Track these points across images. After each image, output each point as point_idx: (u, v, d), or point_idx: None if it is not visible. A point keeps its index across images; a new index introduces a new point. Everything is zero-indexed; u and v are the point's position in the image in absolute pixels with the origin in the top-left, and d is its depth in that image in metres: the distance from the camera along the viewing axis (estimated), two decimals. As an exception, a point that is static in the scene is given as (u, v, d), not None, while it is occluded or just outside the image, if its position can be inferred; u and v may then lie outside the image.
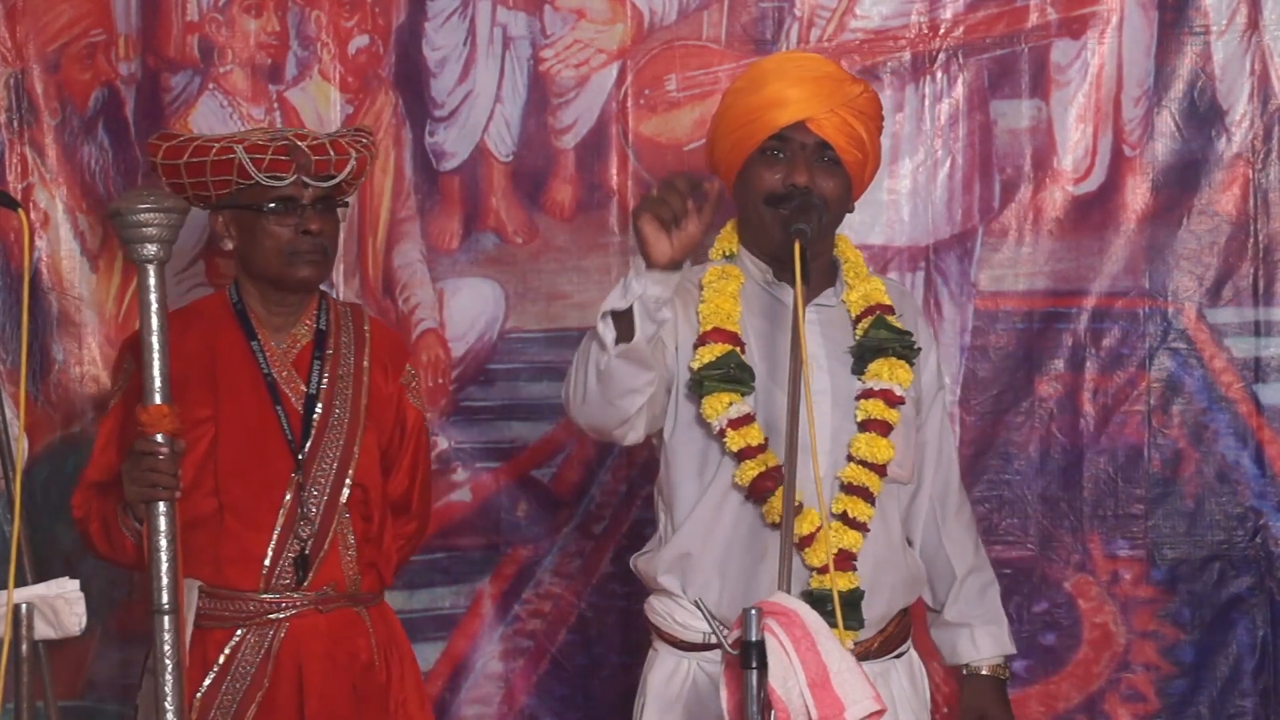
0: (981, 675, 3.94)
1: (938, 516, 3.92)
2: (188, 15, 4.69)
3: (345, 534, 4.00)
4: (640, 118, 4.68)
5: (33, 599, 3.41)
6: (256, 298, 4.04)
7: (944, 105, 4.65)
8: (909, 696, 3.84)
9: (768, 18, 4.66)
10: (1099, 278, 4.62)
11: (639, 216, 3.48)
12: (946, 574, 3.93)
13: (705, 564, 3.75)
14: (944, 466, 3.93)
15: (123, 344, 4.13)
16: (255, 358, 4.02)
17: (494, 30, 4.68)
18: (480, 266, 4.70)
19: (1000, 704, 3.94)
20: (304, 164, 3.93)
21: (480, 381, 4.70)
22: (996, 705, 3.94)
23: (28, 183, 4.66)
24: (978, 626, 3.92)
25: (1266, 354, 4.60)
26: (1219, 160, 4.61)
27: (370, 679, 4.01)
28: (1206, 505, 4.60)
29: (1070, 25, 4.62)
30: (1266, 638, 4.59)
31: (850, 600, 3.70)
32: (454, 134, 4.70)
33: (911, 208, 4.64)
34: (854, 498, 3.73)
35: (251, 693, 3.93)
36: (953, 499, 3.94)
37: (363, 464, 4.02)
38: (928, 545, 3.92)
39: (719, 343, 3.74)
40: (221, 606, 3.95)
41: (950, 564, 3.92)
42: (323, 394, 4.03)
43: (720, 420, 3.72)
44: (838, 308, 3.85)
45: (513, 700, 4.71)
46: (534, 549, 4.71)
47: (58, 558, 4.54)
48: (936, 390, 3.91)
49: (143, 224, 3.40)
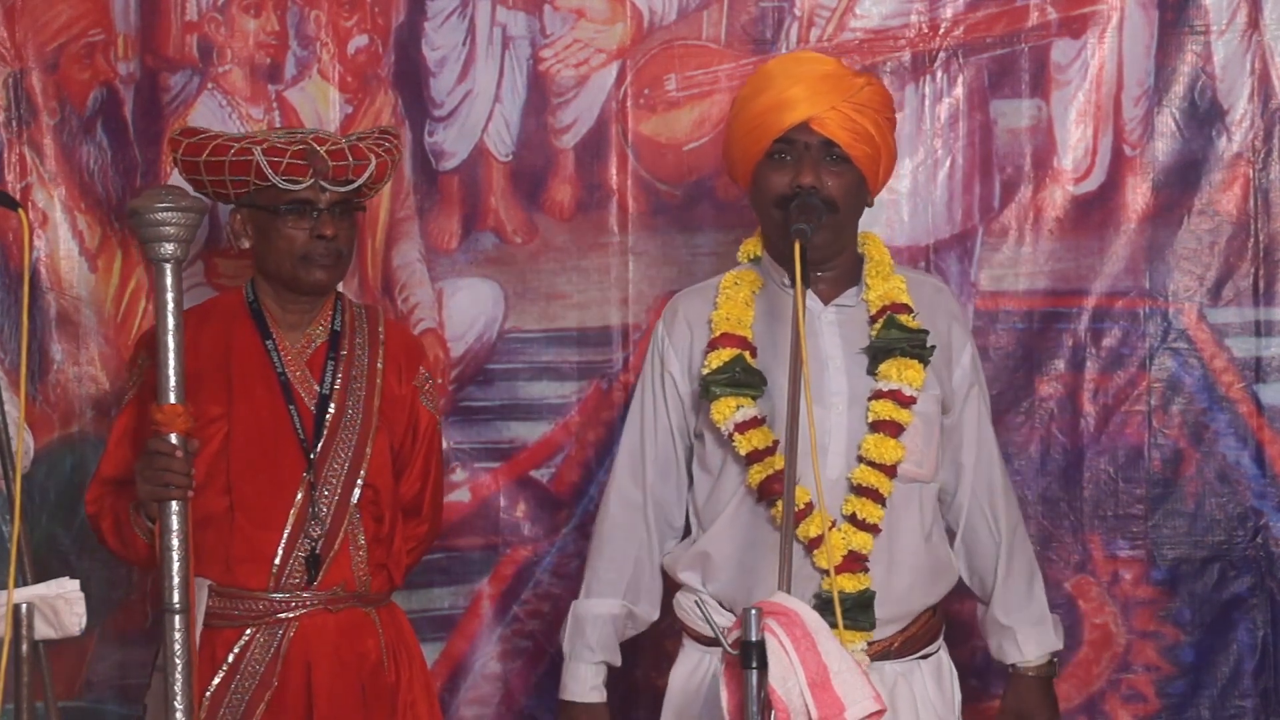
0: (1027, 676, 3.98)
1: (984, 512, 3.94)
2: (187, 15, 4.68)
3: (356, 534, 4.01)
4: (640, 117, 4.67)
5: (33, 599, 3.41)
6: (272, 297, 4.05)
7: (944, 105, 4.64)
8: (933, 699, 3.85)
9: (767, 17, 4.66)
10: (1099, 278, 4.62)
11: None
12: (990, 570, 3.95)
13: (724, 565, 3.82)
14: (985, 462, 3.95)
15: (137, 340, 4.14)
16: (270, 357, 4.03)
17: (493, 30, 4.68)
18: (479, 266, 4.70)
19: (1044, 703, 3.99)
20: (321, 169, 3.94)
21: (479, 381, 4.70)
22: (1040, 705, 3.98)
23: (26, 182, 4.65)
24: (1023, 629, 3.96)
25: (1267, 354, 4.59)
26: (1219, 160, 4.60)
27: (379, 679, 4.01)
28: (1207, 505, 4.60)
29: (1070, 25, 4.62)
30: (1267, 638, 4.59)
31: (861, 602, 3.72)
32: (453, 134, 4.69)
33: (911, 207, 4.64)
34: (863, 499, 3.76)
35: (260, 692, 3.94)
36: (998, 495, 3.96)
37: (374, 465, 4.03)
38: (971, 541, 3.94)
39: (727, 347, 3.81)
40: (231, 605, 3.95)
41: (995, 558, 3.94)
42: (336, 394, 4.03)
43: (728, 424, 3.79)
44: (858, 307, 3.87)
45: (511, 701, 4.71)
46: (533, 549, 4.70)
47: (57, 558, 4.54)
48: (969, 387, 3.93)
49: (160, 223, 3.42)
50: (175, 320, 3.45)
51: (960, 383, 3.92)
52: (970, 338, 4.00)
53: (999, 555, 3.94)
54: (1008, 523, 3.95)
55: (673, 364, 3.93)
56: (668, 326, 3.96)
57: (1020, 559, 3.96)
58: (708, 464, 3.89)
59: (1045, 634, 3.97)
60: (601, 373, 4.66)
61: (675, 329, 3.94)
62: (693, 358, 3.90)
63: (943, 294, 4.01)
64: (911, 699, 3.81)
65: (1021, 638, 3.95)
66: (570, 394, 4.69)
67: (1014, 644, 3.96)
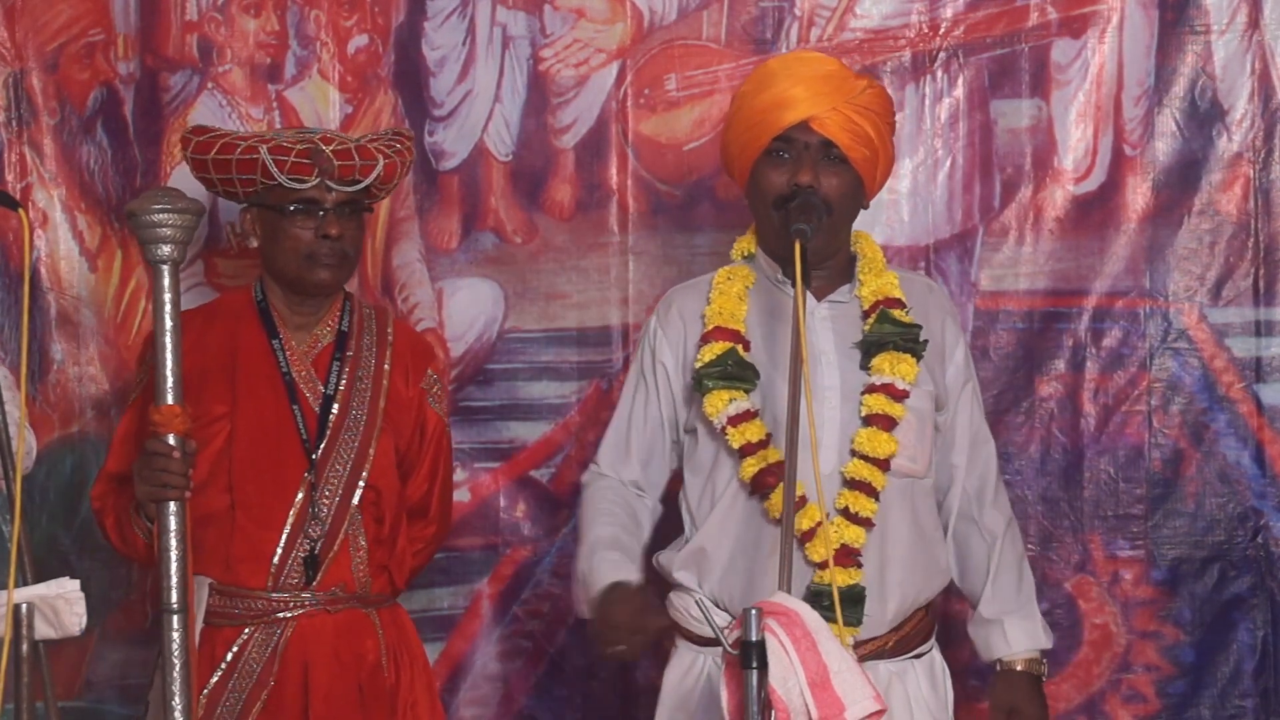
0: (1015, 671, 3.93)
1: (974, 510, 3.93)
2: (186, 15, 4.68)
3: (356, 536, 4.01)
4: (640, 117, 4.67)
5: (33, 599, 3.41)
6: (279, 297, 4.06)
7: (944, 105, 4.64)
8: (927, 698, 3.84)
9: (767, 17, 4.66)
10: (1099, 277, 4.62)
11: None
12: (981, 568, 3.93)
13: (718, 560, 3.81)
14: (979, 460, 3.95)
15: (146, 337, 4.14)
16: (275, 356, 4.03)
17: (493, 30, 4.68)
18: (479, 266, 4.70)
19: (1033, 699, 3.92)
20: (327, 168, 3.94)
21: (479, 381, 4.70)
22: (1029, 701, 3.92)
23: (26, 182, 4.65)
24: (1010, 620, 3.91)
25: (1267, 354, 4.59)
26: (1220, 160, 4.60)
27: (377, 680, 4.01)
28: (1207, 505, 4.60)
29: (1070, 25, 4.62)
30: (1267, 638, 4.59)
31: (851, 597, 3.71)
32: (453, 133, 4.69)
33: (911, 207, 4.64)
34: (856, 493, 3.76)
35: (257, 691, 3.94)
36: (989, 493, 3.95)
37: (377, 466, 4.03)
38: (962, 539, 3.94)
39: (720, 341, 3.81)
40: (231, 604, 3.96)
41: (985, 558, 3.93)
42: (340, 395, 4.03)
43: (720, 418, 3.79)
44: (851, 303, 3.88)
45: (511, 701, 4.71)
46: (533, 549, 4.71)
47: (57, 558, 4.54)
48: (963, 384, 3.93)
49: (158, 224, 3.42)
50: (173, 321, 3.45)
51: (954, 380, 3.92)
52: (963, 335, 4.01)
53: (989, 556, 3.92)
54: (999, 523, 3.94)
55: (666, 356, 3.92)
56: (661, 320, 3.96)
57: (1010, 558, 3.94)
58: (700, 459, 3.88)
59: (1033, 629, 3.93)
60: (601, 373, 4.66)
61: (669, 323, 3.94)
62: (686, 352, 3.89)
63: (935, 292, 4.02)
64: (905, 699, 3.81)
65: (1009, 628, 3.90)
66: (570, 394, 4.69)
67: (1001, 636, 3.91)
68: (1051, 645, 3.99)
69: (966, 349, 3.98)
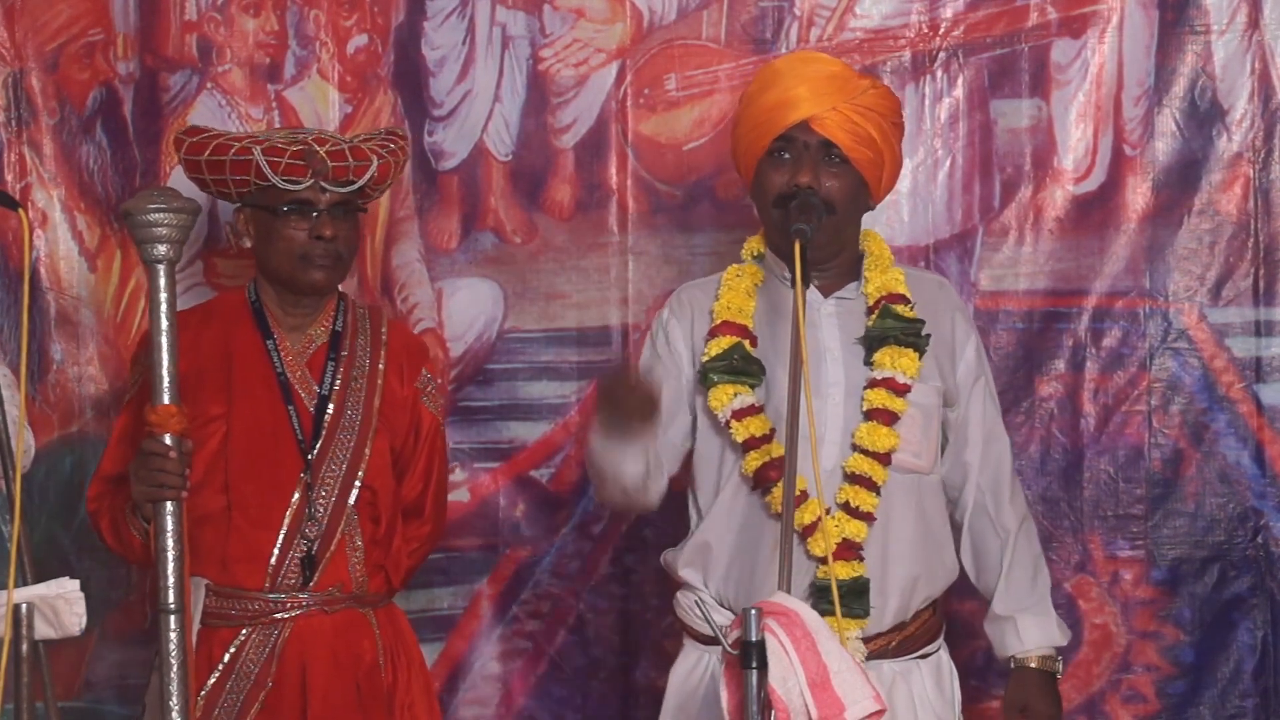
0: (1029, 668, 3.92)
1: (988, 507, 3.92)
2: (186, 14, 4.68)
3: (353, 536, 4.01)
4: (640, 117, 4.67)
5: (33, 599, 3.40)
6: (273, 297, 4.06)
7: (944, 105, 4.64)
8: (932, 699, 3.84)
9: (767, 17, 4.66)
10: (1099, 277, 4.62)
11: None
12: (995, 565, 3.93)
13: (722, 555, 3.81)
14: (992, 456, 3.94)
15: (140, 338, 4.14)
16: (270, 357, 4.03)
17: (493, 29, 4.68)
18: (479, 266, 4.69)
19: (1045, 697, 3.92)
20: (320, 169, 3.94)
21: (479, 381, 4.70)
22: (1041, 698, 3.92)
23: (26, 182, 4.65)
24: (1023, 617, 3.91)
25: (1267, 354, 4.59)
26: (1219, 160, 4.60)
27: (374, 680, 4.01)
28: (1207, 505, 4.60)
29: (1070, 24, 4.62)
30: (1267, 638, 4.59)
31: (855, 589, 3.71)
32: (453, 133, 4.69)
33: (911, 207, 4.64)
34: (856, 487, 3.77)
35: (255, 692, 3.94)
36: (1004, 489, 3.94)
37: (373, 466, 4.03)
38: (977, 536, 3.93)
39: (726, 335, 3.83)
40: (228, 605, 3.95)
41: (999, 555, 3.92)
42: (335, 395, 4.03)
43: (725, 411, 3.81)
44: (857, 300, 3.89)
45: (511, 701, 4.71)
46: (532, 549, 4.70)
47: (57, 558, 4.54)
48: (974, 381, 3.93)
49: (153, 224, 3.41)
50: (169, 321, 3.45)
51: (965, 377, 3.92)
52: (974, 332, 4.00)
53: (1002, 552, 3.92)
54: (1013, 520, 3.93)
55: (679, 343, 3.92)
56: (675, 310, 3.96)
57: (1024, 555, 3.94)
58: (705, 453, 3.88)
59: (1047, 625, 3.92)
60: (601, 372, 4.66)
61: (680, 314, 3.94)
62: (695, 344, 3.90)
63: (945, 289, 4.02)
64: (910, 699, 3.81)
65: (1022, 626, 3.90)
66: (570, 394, 4.69)
67: (1014, 633, 3.90)
68: (1066, 642, 3.98)
69: (979, 346, 3.97)
